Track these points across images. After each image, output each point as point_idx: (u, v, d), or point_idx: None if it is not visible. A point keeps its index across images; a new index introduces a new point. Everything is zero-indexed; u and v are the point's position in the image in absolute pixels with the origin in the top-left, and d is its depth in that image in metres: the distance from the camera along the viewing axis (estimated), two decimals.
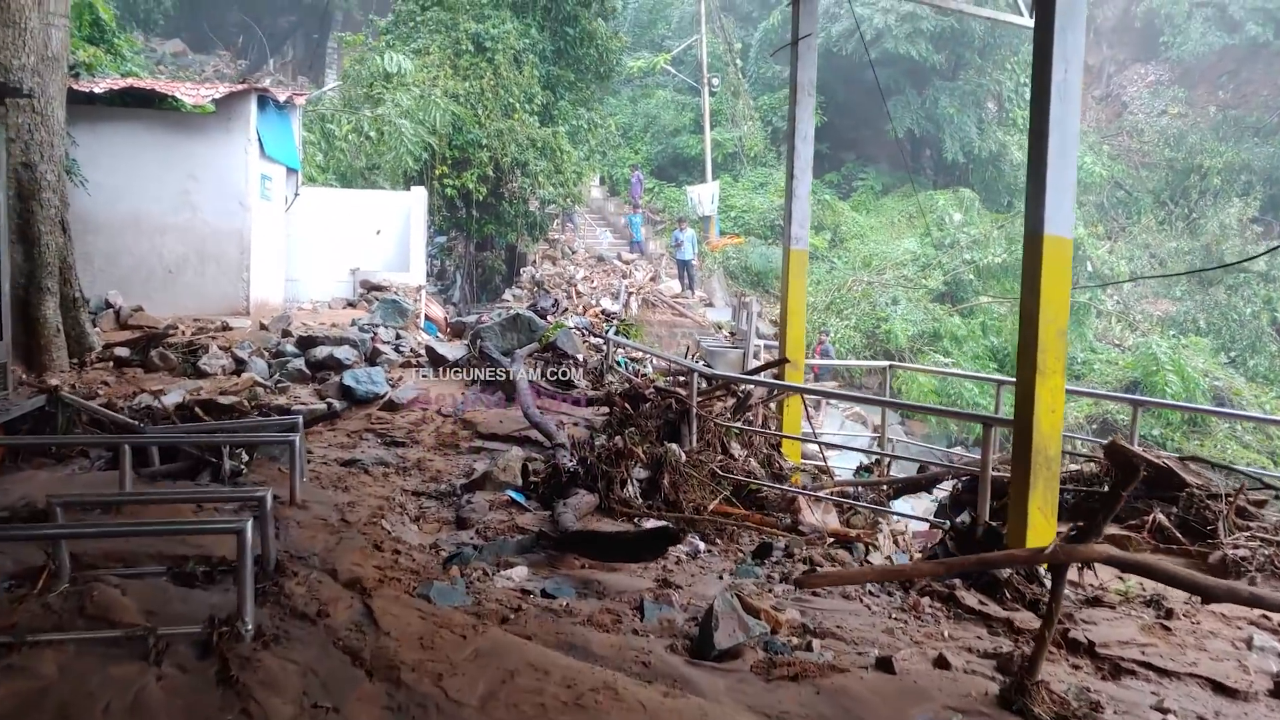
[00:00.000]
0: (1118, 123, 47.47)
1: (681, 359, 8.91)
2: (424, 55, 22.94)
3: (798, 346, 8.51)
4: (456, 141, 22.16)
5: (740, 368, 9.76)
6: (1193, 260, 37.47)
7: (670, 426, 7.52)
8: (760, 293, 29.17)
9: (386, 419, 8.86)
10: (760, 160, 36.65)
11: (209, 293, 13.15)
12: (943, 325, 24.43)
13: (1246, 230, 37.55)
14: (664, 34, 42.67)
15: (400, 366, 11.13)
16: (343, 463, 7.46)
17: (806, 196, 8.42)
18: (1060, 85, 5.15)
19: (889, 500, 8.11)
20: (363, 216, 16.61)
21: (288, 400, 9.46)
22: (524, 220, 24.17)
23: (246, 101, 13.18)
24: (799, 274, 8.48)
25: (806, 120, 8.42)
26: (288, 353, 10.88)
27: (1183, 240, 38.77)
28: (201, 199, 13.06)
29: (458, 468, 7.61)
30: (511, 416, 8.55)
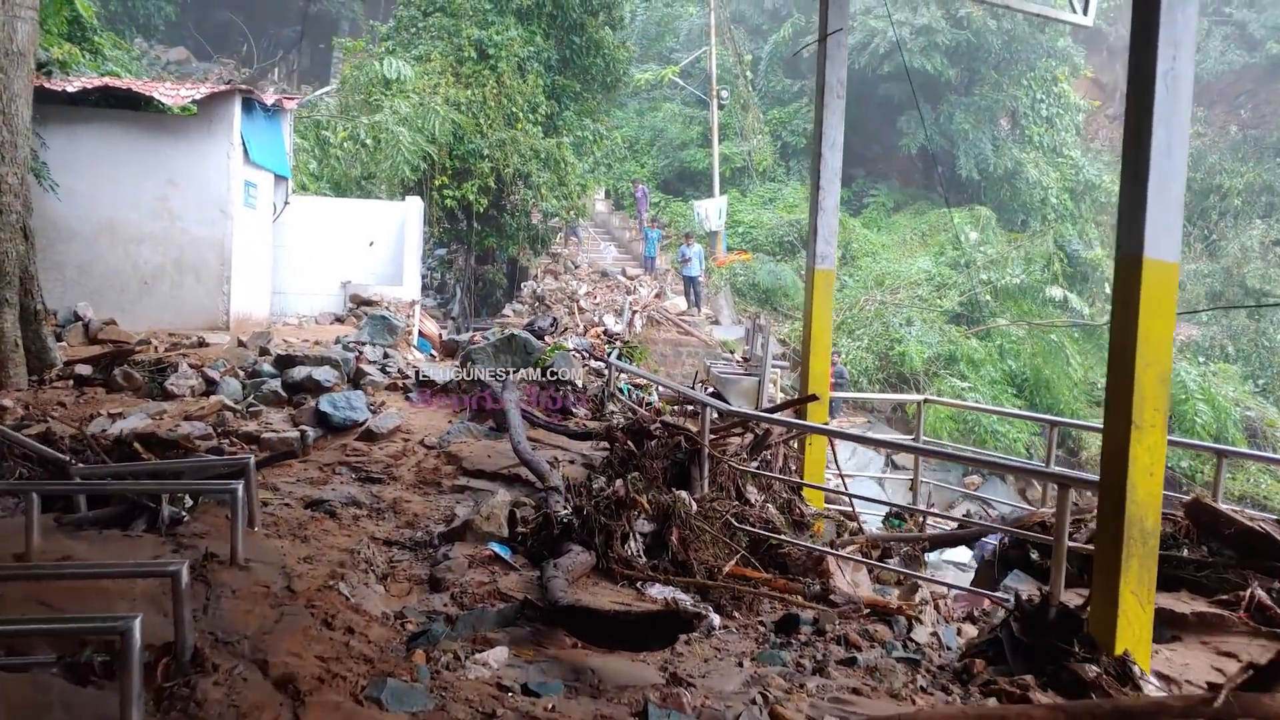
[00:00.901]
0: None
1: (690, 389, 8.04)
2: (425, 62, 22.18)
3: (821, 378, 7.64)
4: (457, 151, 21.37)
5: (755, 397, 8.90)
6: (1212, 283, 36.63)
7: (678, 468, 6.64)
8: (769, 311, 28.36)
9: (363, 450, 8.00)
10: (769, 175, 35.88)
11: (187, 306, 12.33)
12: (959, 348, 23.53)
13: (1269, 253, 36.69)
14: (672, 46, 41.97)
15: (385, 389, 10.27)
16: (308, 503, 6.59)
17: (834, 210, 7.56)
18: (1168, 74, 4.26)
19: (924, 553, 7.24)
20: (356, 227, 15.80)
21: (258, 426, 8.61)
22: (526, 233, 23.37)
23: (230, 103, 12.38)
24: (824, 296, 7.61)
25: (836, 125, 7.57)
26: (264, 373, 10.04)
27: (1202, 262, 37.93)
28: (180, 206, 12.26)
29: (437, 510, 6.74)
30: (501, 450, 7.68)
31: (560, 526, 5.65)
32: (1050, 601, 4.76)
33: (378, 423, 8.37)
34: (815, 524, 7.24)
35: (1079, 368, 23.96)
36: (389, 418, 8.48)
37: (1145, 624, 4.64)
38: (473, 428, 8.43)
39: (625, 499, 5.60)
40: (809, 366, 7.62)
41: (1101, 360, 26.68)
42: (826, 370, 7.65)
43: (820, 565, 5.93)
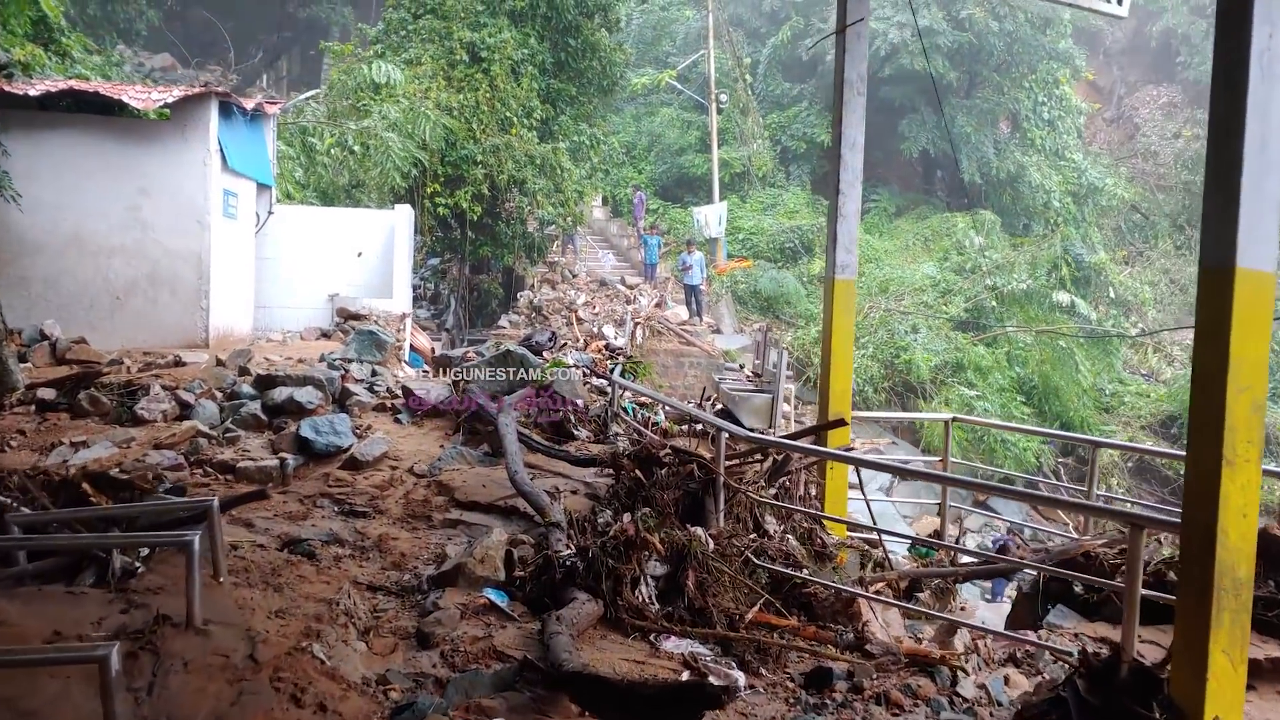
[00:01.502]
0: (1130, 145, 46.42)
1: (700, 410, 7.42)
2: (415, 66, 21.58)
3: (843, 397, 7.01)
4: (449, 157, 20.75)
5: (768, 415, 8.29)
6: None
7: (691, 498, 6.03)
8: (771, 319, 27.77)
9: (347, 480, 7.36)
10: (769, 180, 35.32)
11: (162, 322, 11.69)
12: (966, 355, 22.96)
13: None
14: (669, 51, 41.40)
15: (373, 410, 9.64)
16: (285, 543, 5.96)
17: (855, 215, 6.96)
18: (1263, 55, 3.69)
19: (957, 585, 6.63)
20: (343, 237, 15.16)
21: (234, 454, 7.98)
22: (521, 242, 22.75)
23: (205, 108, 11.76)
24: (845, 308, 6.99)
25: (856, 125, 6.98)
26: (243, 394, 9.40)
27: None
28: (154, 216, 11.62)
29: (427, 549, 6.12)
30: (497, 479, 7.06)
31: (563, 570, 5.04)
32: (1122, 657, 4.16)
33: (363, 449, 7.73)
34: (838, 555, 6.64)
35: (1088, 374, 23.39)
36: (375, 443, 7.85)
37: (1238, 687, 4.03)
38: (466, 453, 7.80)
39: (635, 539, 4.98)
40: (829, 384, 6.99)
41: (1109, 366, 26.25)
42: (848, 389, 7.04)
43: (851, 608, 5.32)
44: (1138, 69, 49.10)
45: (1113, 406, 23.87)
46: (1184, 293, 35.98)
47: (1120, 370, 26.13)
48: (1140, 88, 48.55)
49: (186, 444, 8.01)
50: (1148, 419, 23.03)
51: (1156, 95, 47.79)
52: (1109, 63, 48.65)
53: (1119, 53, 49.11)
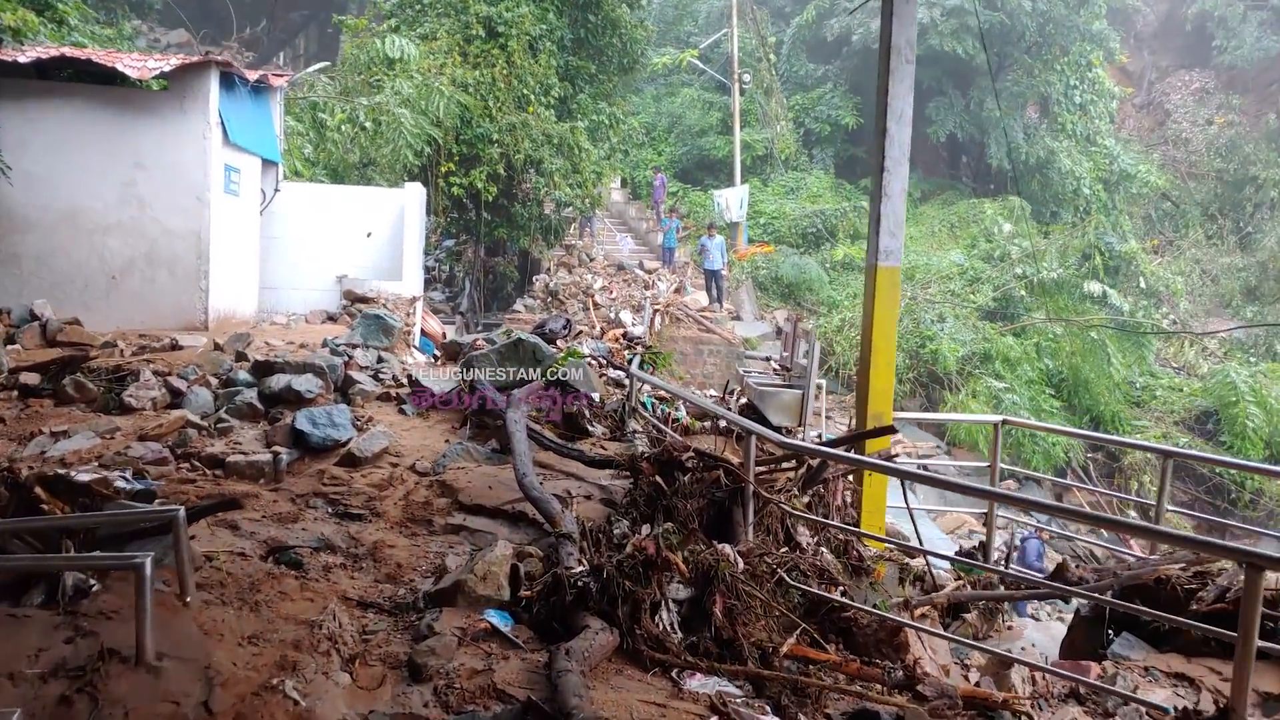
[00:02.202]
0: (1160, 132, 45.45)
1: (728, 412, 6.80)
2: (430, 41, 20.95)
3: (884, 396, 6.38)
4: (464, 136, 20.14)
5: (797, 412, 7.67)
6: (1248, 278, 35.19)
7: (717, 508, 5.45)
8: (793, 305, 27.12)
9: (343, 479, 6.79)
10: (792, 163, 34.53)
11: (160, 303, 11.16)
12: (994, 345, 22.20)
13: None
14: (690, 30, 40.60)
15: (376, 399, 9.08)
16: (270, 550, 5.41)
17: (901, 195, 6.31)
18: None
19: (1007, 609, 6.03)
20: (353, 216, 14.59)
21: (225, 447, 7.43)
22: (538, 224, 22.13)
23: (205, 77, 11.17)
24: (889, 298, 6.34)
25: (904, 95, 6.32)
26: (239, 381, 8.85)
27: (1235, 256, 36.50)
28: (151, 192, 11.08)
29: (426, 558, 5.55)
30: (504, 480, 6.48)
31: (574, 591, 4.46)
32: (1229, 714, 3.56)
33: (362, 444, 7.16)
34: (876, 568, 6.05)
35: (1120, 367, 22.61)
36: (375, 438, 7.28)
37: None
38: (472, 449, 7.23)
39: (656, 558, 4.39)
40: (868, 382, 6.37)
41: (1140, 359, 25.44)
42: (889, 387, 6.41)
43: (897, 637, 4.72)
44: (1169, 53, 48.12)
45: (1144, 400, 23.09)
46: (1216, 284, 35.08)
47: (1152, 363, 25.30)
48: (1172, 73, 47.59)
49: (174, 435, 7.47)
50: (1181, 414, 22.25)
51: (1189, 80, 46.84)
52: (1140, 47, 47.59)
53: (1150, 37, 48.10)
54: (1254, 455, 19.46)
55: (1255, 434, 19.81)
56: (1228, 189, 40.06)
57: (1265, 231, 36.90)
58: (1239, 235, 38.13)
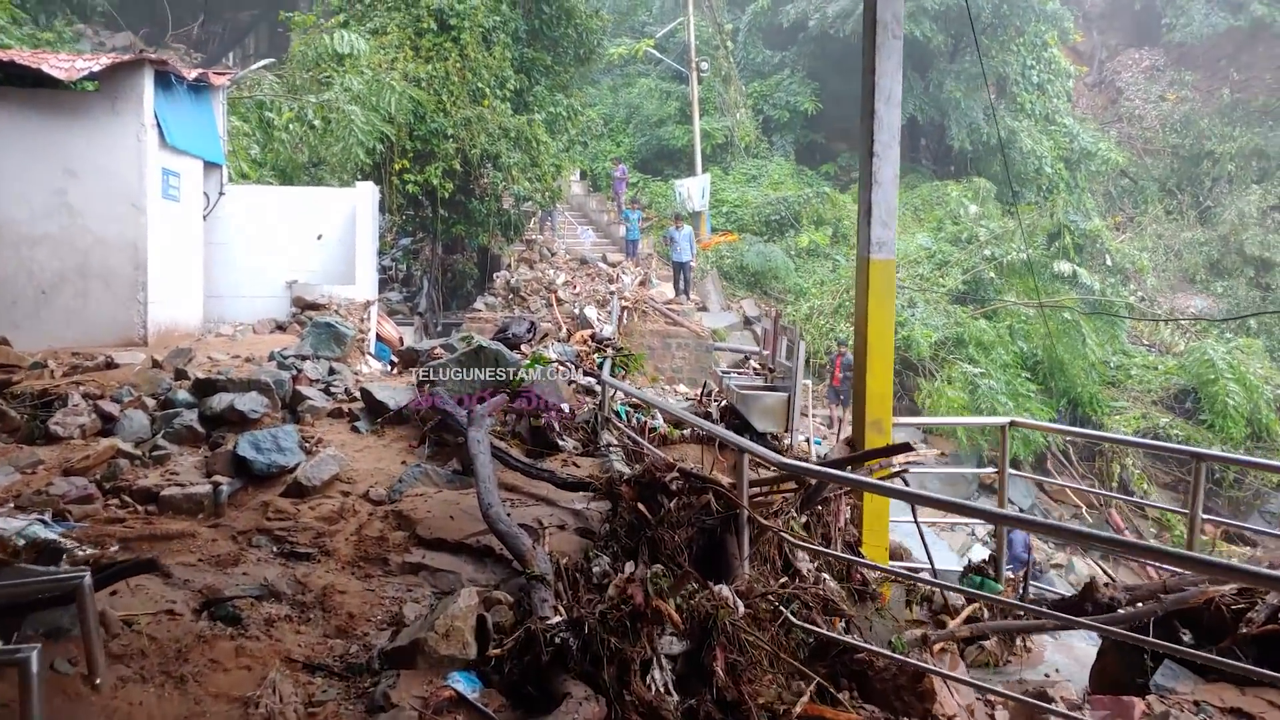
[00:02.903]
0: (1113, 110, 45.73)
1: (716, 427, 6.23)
2: (381, 36, 20.20)
3: (883, 400, 5.85)
4: (418, 131, 19.45)
5: (783, 416, 7.15)
6: (1210, 252, 35.29)
7: (708, 536, 4.91)
8: (759, 295, 26.69)
9: (289, 512, 6.17)
10: (752, 151, 34.07)
11: (94, 319, 10.44)
12: (967, 330, 21.87)
13: (1267, 218, 35.41)
14: (645, 20, 40.00)
15: (328, 416, 8.44)
16: (204, 603, 4.80)
17: (893, 182, 5.79)
18: None
19: None
20: (302, 219, 13.88)
21: (160, 478, 6.77)
22: (497, 219, 21.47)
23: (138, 77, 10.45)
24: (884, 294, 5.80)
25: (892, 73, 5.80)
26: (178, 402, 8.18)
27: (1197, 230, 36.64)
28: (82, 201, 10.34)
29: (381, 605, 4.97)
30: (467, 507, 5.90)
31: (551, 649, 3.89)
32: None
33: (310, 471, 6.53)
34: (883, 590, 5.55)
35: (1095, 348, 22.38)
36: (325, 463, 6.65)
37: None
38: (432, 472, 6.63)
39: (644, 609, 3.84)
40: (865, 386, 5.85)
41: (1113, 337, 25.28)
42: (888, 390, 5.91)
43: (920, 684, 4.21)
44: (1118, 33, 48.54)
45: (1119, 380, 22.89)
46: (1179, 259, 35.18)
47: (1125, 342, 25.14)
48: (1121, 51, 47.99)
49: (103, 467, 6.81)
50: (1158, 393, 22.08)
51: (1139, 59, 47.29)
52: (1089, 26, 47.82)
53: (1098, 17, 48.38)
54: (1236, 433, 19.30)
55: (1236, 411, 19.64)
56: (1184, 164, 40.32)
57: (1224, 205, 37.09)
58: (1198, 210, 38.34)
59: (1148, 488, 19.24)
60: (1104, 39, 48.16)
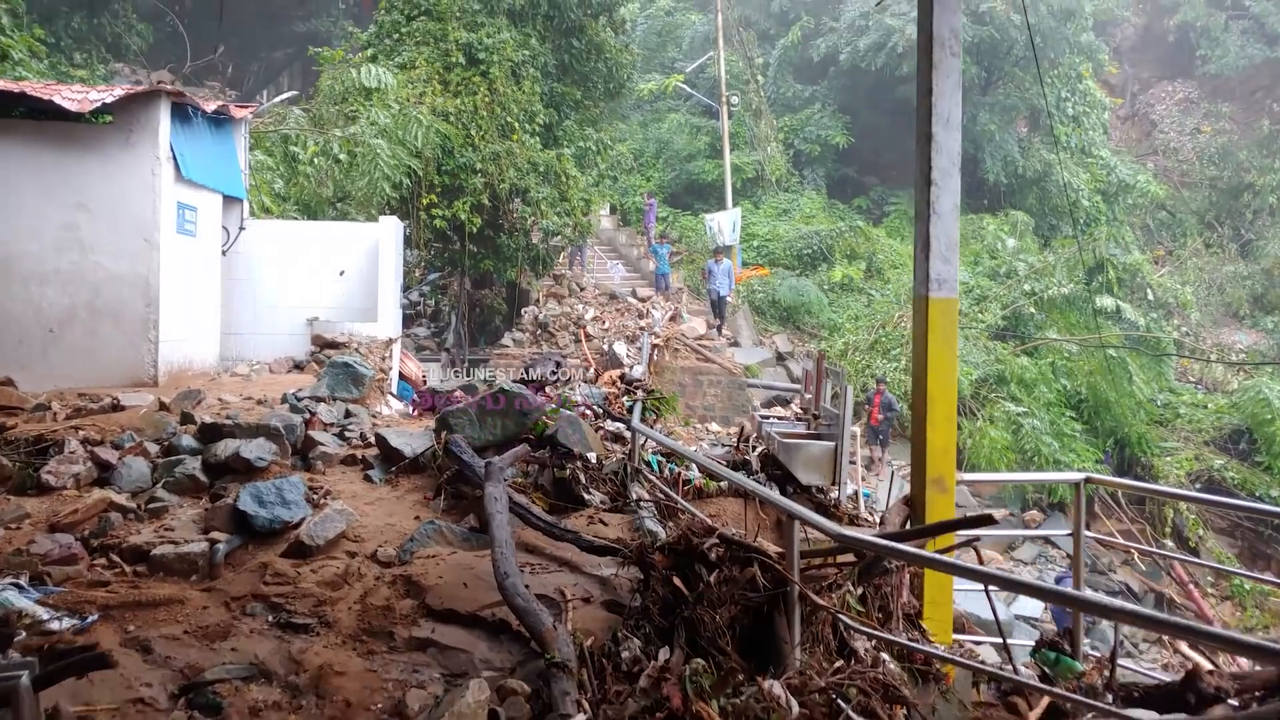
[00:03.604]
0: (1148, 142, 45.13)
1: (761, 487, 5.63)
2: (409, 70, 19.99)
3: (945, 455, 5.21)
4: (446, 166, 19.16)
5: (829, 468, 6.57)
6: (1254, 286, 34.37)
7: (752, 614, 4.32)
8: (791, 329, 26.12)
9: (289, 575, 5.63)
10: (783, 185, 33.66)
11: (103, 358, 10.03)
12: (1008, 367, 21.13)
13: None
14: (675, 56, 39.90)
15: (340, 463, 7.95)
16: (184, 686, 4.27)
17: (954, 213, 5.22)
18: None
19: None
20: (324, 254, 13.49)
21: (154, 534, 6.27)
22: (525, 254, 21.09)
23: (153, 109, 10.11)
24: (945, 336, 5.18)
25: (950, 93, 5.25)
26: (182, 448, 7.72)
27: (1239, 264, 35.72)
28: (93, 235, 9.98)
29: (383, 689, 4.40)
30: (482, 573, 5.34)
31: None
32: None
33: (314, 529, 6.00)
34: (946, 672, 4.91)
35: (1143, 385, 21.54)
36: (331, 520, 6.13)
37: None
38: (446, 529, 6.09)
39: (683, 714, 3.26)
40: (925, 439, 5.24)
41: (1159, 374, 24.41)
42: (951, 444, 5.28)
43: None
44: (1150, 65, 48.10)
45: (1167, 419, 22.01)
46: (1221, 293, 34.24)
47: (1171, 379, 24.25)
48: (1154, 84, 47.49)
49: (94, 522, 6.32)
50: (1211, 433, 21.18)
51: (1172, 91, 46.82)
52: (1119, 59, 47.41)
53: (1129, 49, 47.90)
54: None
55: None
56: (1223, 196, 39.55)
57: (1267, 238, 36.24)
58: (1239, 243, 37.48)
59: (1203, 533, 18.36)
60: (1135, 72, 47.69)
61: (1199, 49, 42.35)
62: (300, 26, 38.17)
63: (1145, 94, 47.55)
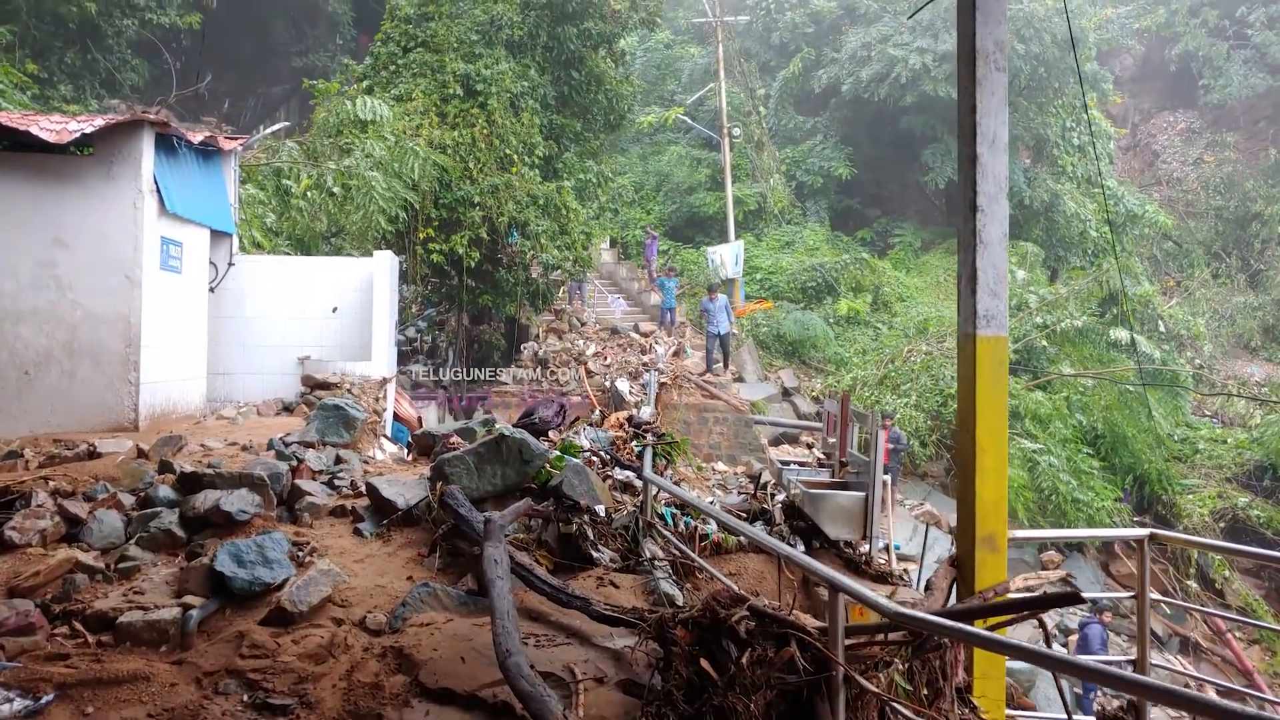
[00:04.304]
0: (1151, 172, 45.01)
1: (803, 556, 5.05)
2: (406, 102, 19.64)
3: (996, 510, 4.66)
4: (444, 199, 18.75)
5: (861, 521, 6.02)
6: (1264, 316, 33.96)
7: (789, 698, 3.76)
8: (797, 364, 25.61)
9: (268, 647, 5.06)
10: (785, 217, 33.30)
11: (81, 401, 9.49)
12: (1022, 402, 20.58)
13: None
14: (673, 89, 39.72)
15: (329, 514, 7.39)
16: None
17: (1002, 243, 4.70)
18: None
19: None
20: (317, 290, 13.02)
21: (122, 598, 5.71)
22: (525, 289, 20.62)
23: (136, 140, 9.66)
24: (995, 380, 4.65)
25: (996, 112, 4.75)
26: (159, 499, 7.17)
27: (1248, 295, 35.34)
28: (72, 273, 9.48)
29: None
30: (481, 644, 4.77)
31: None
32: None
33: (297, 593, 5.44)
34: None
35: (1161, 420, 20.99)
36: (316, 582, 5.56)
37: None
38: (442, 592, 5.53)
39: None
40: (974, 493, 4.70)
41: (1176, 409, 23.88)
42: (1002, 497, 4.74)
43: None
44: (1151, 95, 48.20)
45: (1185, 455, 21.44)
46: (1232, 324, 33.81)
47: (1188, 413, 23.70)
48: (1155, 114, 47.50)
49: (57, 584, 5.76)
50: (1232, 469, 20.58)
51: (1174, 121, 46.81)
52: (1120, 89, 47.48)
53: (1129, 80, 47.91)
54: None
55: None
56: (1229, 226, 39.30)
57: (1277, 268, 35.88)
58: (1248, 273, 37.14)
59: (1229, 574, 17.72)
60: (1136, 102, 47.68)
61: (1201, 78, 42.30)
62: (298, 62, 37.96)
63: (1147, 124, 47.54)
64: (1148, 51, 47.03)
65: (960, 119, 4.92)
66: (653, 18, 24.37)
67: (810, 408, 23.53)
